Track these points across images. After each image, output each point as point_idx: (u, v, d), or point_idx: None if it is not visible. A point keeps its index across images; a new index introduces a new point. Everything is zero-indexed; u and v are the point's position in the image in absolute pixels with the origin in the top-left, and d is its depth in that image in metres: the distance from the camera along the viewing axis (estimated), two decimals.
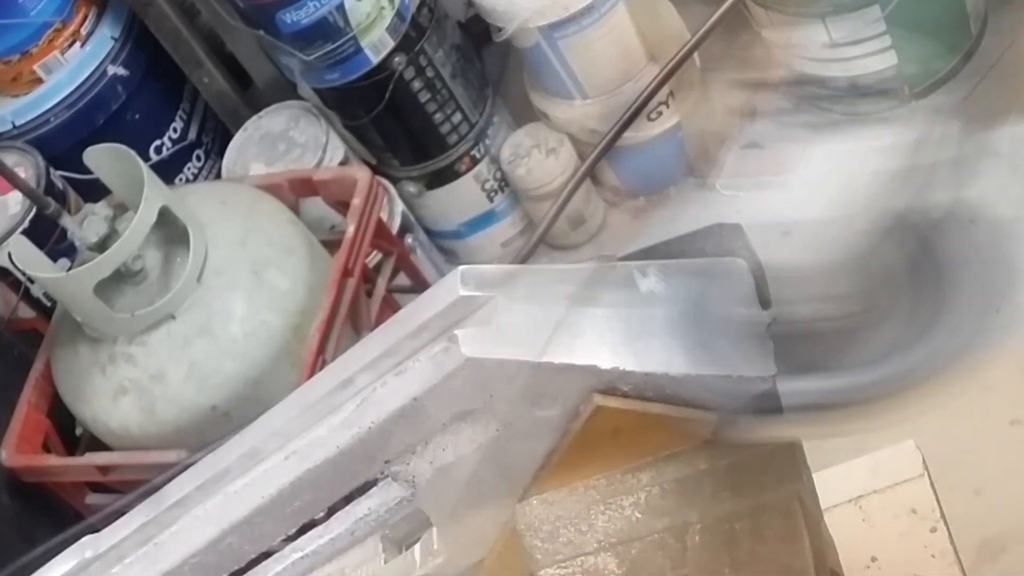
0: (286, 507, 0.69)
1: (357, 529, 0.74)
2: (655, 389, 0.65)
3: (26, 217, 1.81)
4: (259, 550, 0.72)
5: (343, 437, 0.66)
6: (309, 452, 0.67)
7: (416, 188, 2.12)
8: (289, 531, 0.71)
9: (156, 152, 2.13)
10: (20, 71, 2.01)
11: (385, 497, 0.71)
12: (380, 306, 1.76)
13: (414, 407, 0.64)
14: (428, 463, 0.67)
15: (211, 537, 0.69)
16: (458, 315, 0.63)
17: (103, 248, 1.46)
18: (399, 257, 1.86)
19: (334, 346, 1.58)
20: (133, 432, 1.55)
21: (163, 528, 0.71)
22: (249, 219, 1.61)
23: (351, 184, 1.71)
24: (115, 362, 1.53)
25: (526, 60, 2.04)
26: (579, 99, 2.01)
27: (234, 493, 0.69)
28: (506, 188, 2.17)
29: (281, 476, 0.68)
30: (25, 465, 1.65)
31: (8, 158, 1.79)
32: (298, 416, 0.68)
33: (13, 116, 2.01)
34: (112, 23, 2.06)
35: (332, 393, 0.67)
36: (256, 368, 1.52)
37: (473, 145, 2.10)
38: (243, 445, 0.69)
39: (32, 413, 1.66)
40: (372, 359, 0.65)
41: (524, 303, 0.64)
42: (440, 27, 1.99)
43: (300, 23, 1.84)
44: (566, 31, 1.90)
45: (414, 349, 0.64)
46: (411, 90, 1.97)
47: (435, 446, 0.67)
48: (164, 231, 1.52)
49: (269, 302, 1.54)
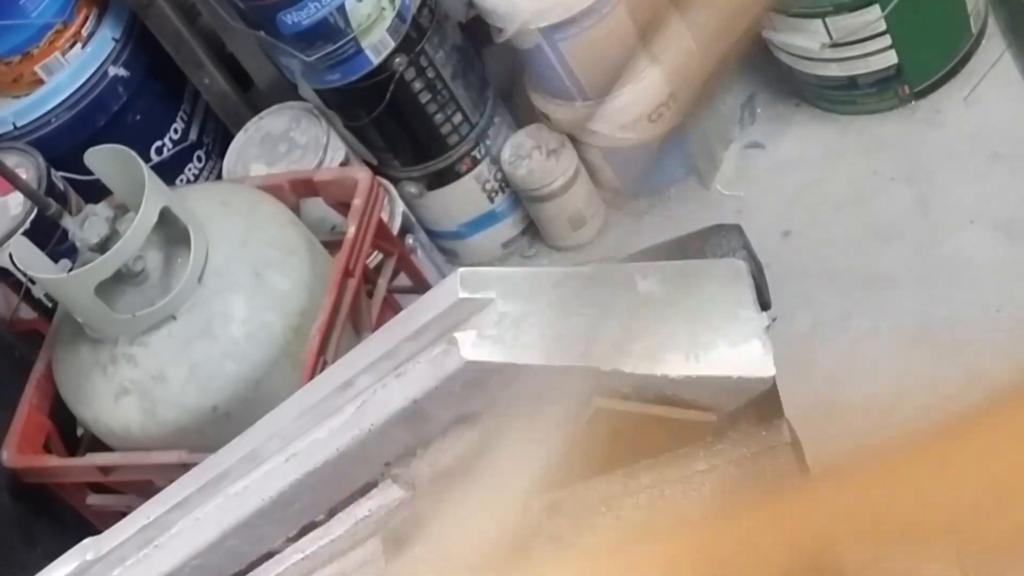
0: (287, 509, 0.69)
1: (358, 530, 0.74)
2: (655, 391, 0.65)
3: (27, 218, 1.81)
4: (260, 552, 0.72)
5: (343, 439, 0.66)
6: (309, 454, 0.67)
7: (417, 189, 2.12)
8: (290, 532, 0.72)
9: (157, 153, 2.13)
10: (21, 72, 2.01)
11: (385, 499, 0.71)
12: (381, 307, 1.76)
13: (414, 409, 0.64)
14: (428, 465, 0.67)
15: (212, 539, 0.70)
16: (458, 317, 0.64)
17: (104, 249, 1.46)
18: (400, 258, 1.86)
19: (335, 347, 1.58)
20: (134, 433, 1.55)
21: (164, 530, 0.71)
22: (250, 220, 1.61)
23: (352, 185, 1.71)
24: (116, 363, 1.53)
25: (527, 61, 2.04)
26: (580, 100, 2.01)
27: (235, 495, 0.69)
28: (507, 189, 2.17)
29: (282, 478, 0.68)
30: (26, 466, 1.65)
31: (9, 159, 1.79)
32: (298, 418, 0.68)
33: (14, 117, 2.01)
34: (113, 24, 2.07)
35: (332, 395, 0.67)
36: (257, 369, 1.52)
37: (474, 146, 2.10)
38: (244, 447, 0.69)
39: (33, 414, 1.66)
40: (372, 361, 0.66)
41: (524, 305, 0.64)
42: (441, 28, 1.99)
43: (301, 24, 1.84)
44: (567, 32, 1.90)
45: (414, 351, 0.65)
46: (412, 91, 1.97)
47: (435, 448, 0.67)
48: (165, 232, 1.52)
49: (270, 303, 1.54)
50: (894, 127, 2.06)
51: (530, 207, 2.18)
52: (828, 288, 1.94)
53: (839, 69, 1.99)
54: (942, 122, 2.03)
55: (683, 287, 0.68)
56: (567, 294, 0.65)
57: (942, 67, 2.03)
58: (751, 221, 1.99)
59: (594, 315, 0.65)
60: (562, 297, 0.65)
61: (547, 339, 0.63)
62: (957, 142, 2.00)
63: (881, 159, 2.04)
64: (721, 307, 0.67)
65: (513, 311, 0.63)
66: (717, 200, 2.13)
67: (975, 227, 1.90)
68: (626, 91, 2.00)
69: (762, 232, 1.95)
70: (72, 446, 1.72)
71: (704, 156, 2.14)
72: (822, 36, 1.93)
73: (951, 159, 1.99)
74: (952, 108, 2.03)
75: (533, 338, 0.63)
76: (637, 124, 2.04)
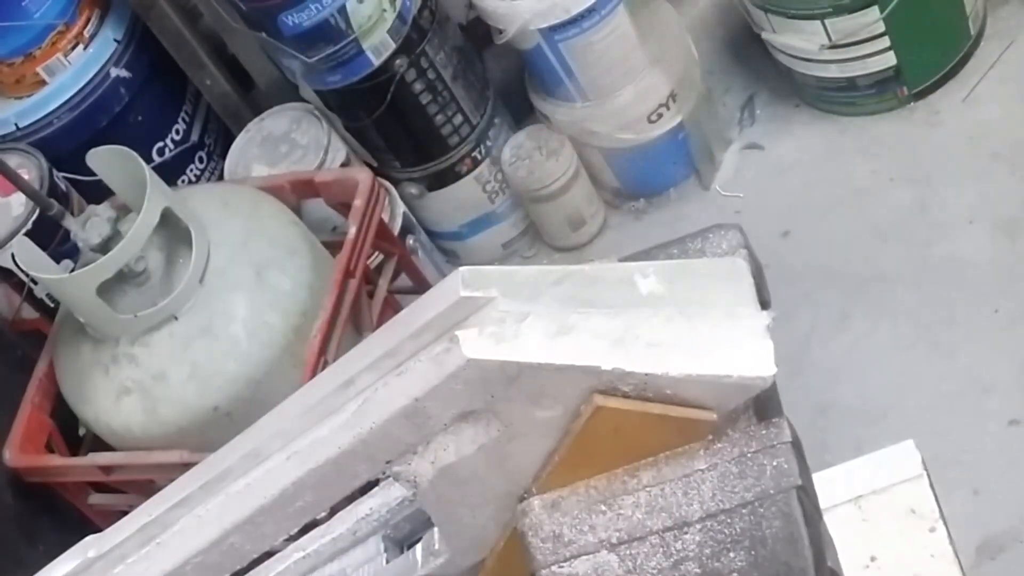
0: (288, 507, 0.69)
1: (359, 529, 0.74)
2: (655, 389, 0.65)
3: (29, 219, 1.82)
4: (261, 550, 0.72)
5: (345, 437, 0.66)
6: (311, 452, 0.67)
7: (417, 189, 2.12)
8: (291, 531, 0.72)
9: (159, 154, 2.14)
10: (24, 73, 2.01)
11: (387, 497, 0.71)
12: (381, 307, 1.77)
13: (415, 407, 0.64)
14: (429, 463, 0.67)
15: (213, 537, 0.70)
16: (459, 316, 0.64)
17: (106, 249, 1.47)
18: (400, 258, 1.87)
19: (336, 347, 1.58)
20: (135, 432, 1.55)
21: (165, 528, 0.71)
22: (251, 220, 1.61)
23: (353, 185, 1.71)
24: (118, 363, 1.53)
25: (527, 62, 2.05)
26: (580, 101, 2.02)
27: (236, 493, 0.69)
28: (507, 189, 2.17)
29: (283, 476, 0.68)
30: (28, 465, 1.65)
31: (11, 160, 1.79)
32: (300, 416, 0.68)
33: (16, 118, 2.02)
34: (115, 26, 2.07)
35: (334, 394, 0.67)
36: (258, 369, 1.53)
37: (474, 147, 2.11)
38: (245, 445, 0.70)
39: (35, 413, 1.67)
40: (373, 360, 0.66)
41: (525, 304, 0.64)
42: (441, 29, 2.00)
43: (302, 25, 1.84)
44: (567, 33, 1.90)
45: (415, 350, 0.65)
46: (412, 92, 1.97)
47: (436, 446, 0.67)
48: (167, 232, 1.52)
49: (271, 303, 1.55)
50: (893, 128, 2.06)
51: (530, 207, 2.18)
52: (828, 288, 1.94)
53: (838, 70, 2.00)
54: (941, 123, 2.03)
55: (684, 286, 0.68)
56: (568, 292, 0.65)
57: (941, 68, 2.03)
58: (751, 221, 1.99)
59: (595, 313, 0.65)
60: (563, 295, 0.65)
61: (548, 337, 0.63)
62: (956, 143, 2.00)
63: (880, 159, 2.04)
64: (722, 306, 0.67)
65: (514, 309, 0.63)
66: (717, 200, 2.14)
67: (974, 227, 1.91)
68: (626, 91, 2.01)
69: (762, 232, 1.95)
70: (74, 446, 1.73)
71: (704, 157, 2.14)
72: (821, 37, 1.93)
73: (950, 159, 1.99)
74: (951, 109, 2.03)
75: (534, 336, 0.63)
76: (637, 124, 2.04)
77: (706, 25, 2.28)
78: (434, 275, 2.03)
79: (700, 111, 2.09)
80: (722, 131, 2.17)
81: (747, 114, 2.20)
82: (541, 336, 0.63)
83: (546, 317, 0.63)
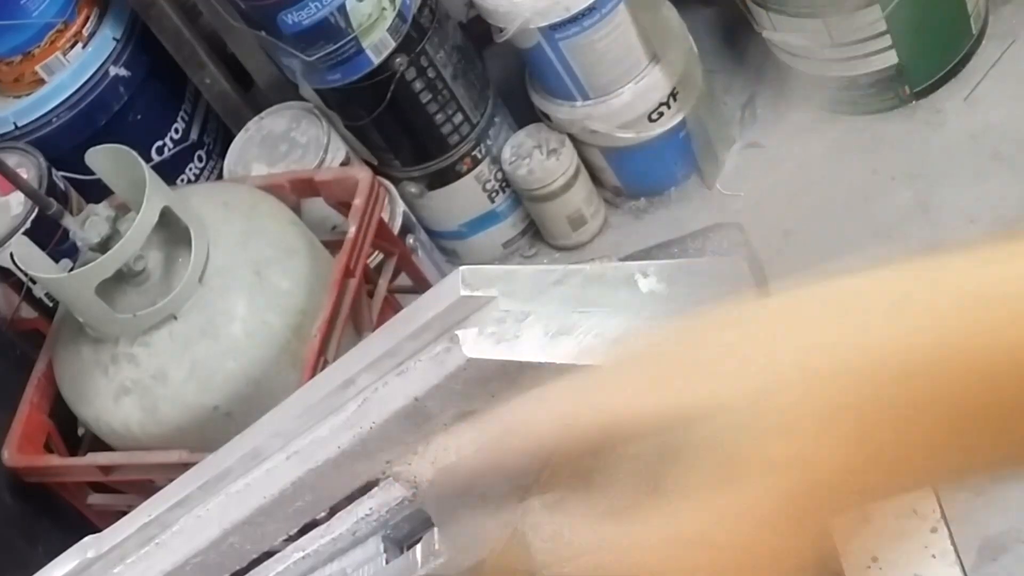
0: (288, 507, 0.69)
1: (359, 529, 0.74)
2: None
3: (28, 218, 1.82)
4: (261, 550, 0.72)
5: (345, 437, 0.66)
6: (311, 452, 0.67)
7: (417, 188, 2.12)
8: (291, 531, 0.71)
9: (158, 153, 2.14)
10: (22, 72, 2.01)
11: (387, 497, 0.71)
12: (381, 307, 1.77)
13: (416, 407, 0.64)
14: (430, 463, 0.67)
15: (213, 537, 0.69)
16: (459, 315, 0.63)
17: (105, 249, 1.47)
18: (400, 257, 1.86)
19: (335, 346, 1.58)
20: (135, 432, 1.55)
21: (165, 528, 0.71)
22: (251, 220, 1.61)
23: (352, 185, 1.71)
24: (117, 362, 1.53)
25: (527, 61, 2.05)
26: (580, 100, 2.01)
27: (236, 493, 0.69)
28: (507, 188, 2.17)
29: (283, 476, 0.68)
30: (27, 465, 1.65)
31: (10, 159, 1.79)
32: (300, 416, 0.68)
33: (15, 117, 2.02)
34: (114, 24, 2.07)
35: (333, 393, 0.67)
36: (258, 368, 1.52)
37: (474, 145, 2.10)
38: (245, 445, 0.69)
39: (34, 413, 1.66)
40: (373, 359, 0.65)
41: (526, 303, 0.64)
42: (441, 28, 1.99)
43: (301, 24, 1.84)
44: (567, 32, 1.90)
45: (415, 349, 0.64)
46: (412, 91, 1.97)
47: (437, 446, 0.67)
48: (166, 232, 1.52)
49: (271, 302, 1.55)
50: (894, 127, 2.06)
51: (530, 207, 2.18)
52: None
53: (839, 69, 2.00)
54: (942, 122, 2.03)
55: (684, 285, 0.68)
56: (568, 292, 0.65)
57: (942, 67, 2.03)
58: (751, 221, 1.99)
59: (595, 313, 0.64)
60: (563, 295, 0.65)
61: (549, 337, 0.63)
62: (957, 142, 2.00)
63: (881, 159, 2.04)
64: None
65: (515, 309, 0.63)
66: (717, 200, 2.13)
67: (975, 227, 1.90)
68: (627, 90, 2.00)
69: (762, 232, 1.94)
70: (73, 445, 1.72)
71: (705, 156, 2.14)
72: (822, 36, 1.93)
73: (951, 159, 1.99)
74: (952, 108, 2.03)
75: (535, 335, 0.63)
76: (637, 124, 2.04)
77: (707, 24, 2.28)
78: (434, 274, 2.03)
79: (701, 110, 2.08)
80: (723, 130, 2.17)
81: (748, 113, 2.19)
82: (542, 336, 0.62)
83: (547, 317, 0.63)
